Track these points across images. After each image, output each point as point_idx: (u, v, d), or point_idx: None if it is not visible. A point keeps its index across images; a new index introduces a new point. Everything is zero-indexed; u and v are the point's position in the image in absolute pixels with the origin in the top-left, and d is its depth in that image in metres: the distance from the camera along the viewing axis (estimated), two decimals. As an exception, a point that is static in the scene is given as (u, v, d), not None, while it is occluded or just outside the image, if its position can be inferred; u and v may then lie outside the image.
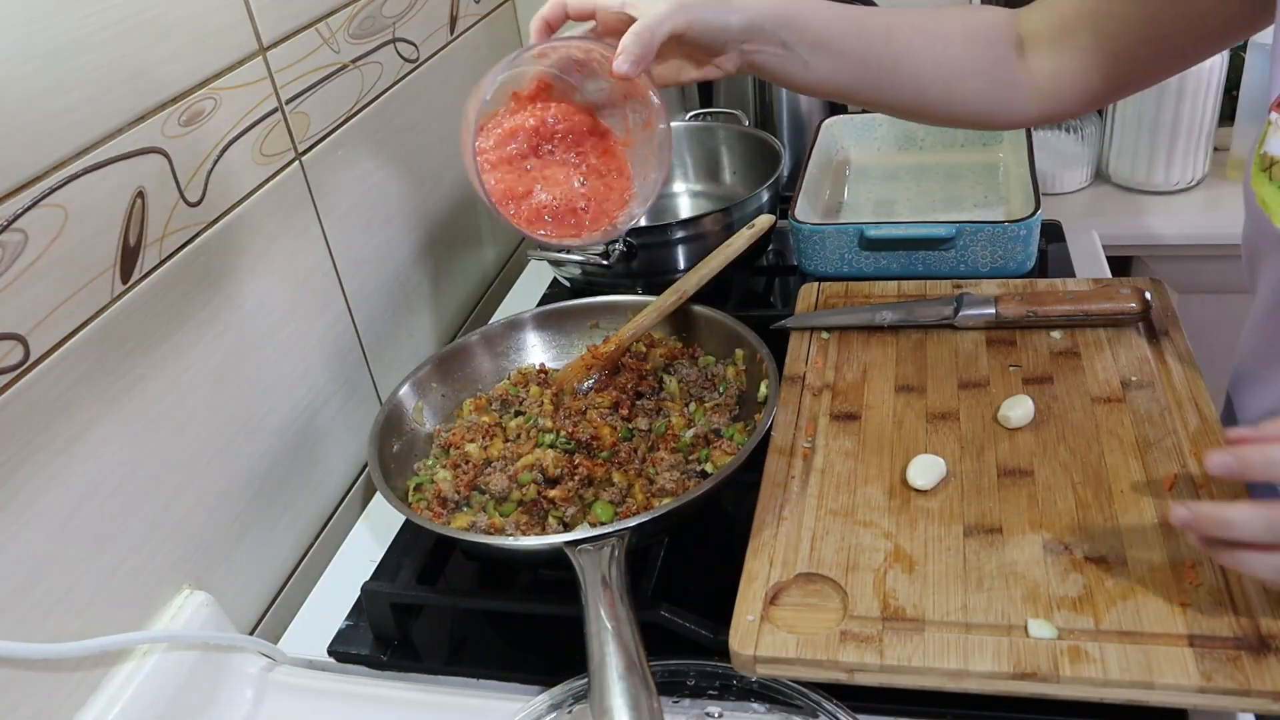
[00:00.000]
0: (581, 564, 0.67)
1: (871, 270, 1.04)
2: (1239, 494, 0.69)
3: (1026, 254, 1.01)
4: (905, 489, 0.75)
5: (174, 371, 0.73)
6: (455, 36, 1.16)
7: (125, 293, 0.68)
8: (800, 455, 0.79)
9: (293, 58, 0.86)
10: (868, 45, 0.77)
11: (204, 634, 0.73)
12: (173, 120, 0.72)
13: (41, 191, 0.61)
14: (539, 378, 0.93)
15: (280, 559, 0.86)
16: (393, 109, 1.03)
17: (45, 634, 0.63)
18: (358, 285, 0.97)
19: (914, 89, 0.79)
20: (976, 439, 0.78)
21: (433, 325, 1.13)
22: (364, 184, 0.98)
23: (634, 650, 0.60)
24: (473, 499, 0.80)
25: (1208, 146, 1.30)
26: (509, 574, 0.83)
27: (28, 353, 0.61)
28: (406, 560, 0.80)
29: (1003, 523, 0.70)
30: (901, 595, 0.66)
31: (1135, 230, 1.27)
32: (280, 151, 0.85)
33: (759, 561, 0.69)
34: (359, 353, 0.98)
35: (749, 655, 0.63)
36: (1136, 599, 0.63)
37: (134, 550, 0.70)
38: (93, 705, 0.66)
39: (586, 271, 1.06)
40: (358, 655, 0.77)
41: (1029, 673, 0.59)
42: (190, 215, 0.74)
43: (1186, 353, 0.84)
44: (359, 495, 0.97)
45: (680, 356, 0.94)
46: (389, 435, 0.86)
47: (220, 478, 0.78)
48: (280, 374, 0.86)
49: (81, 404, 0.65)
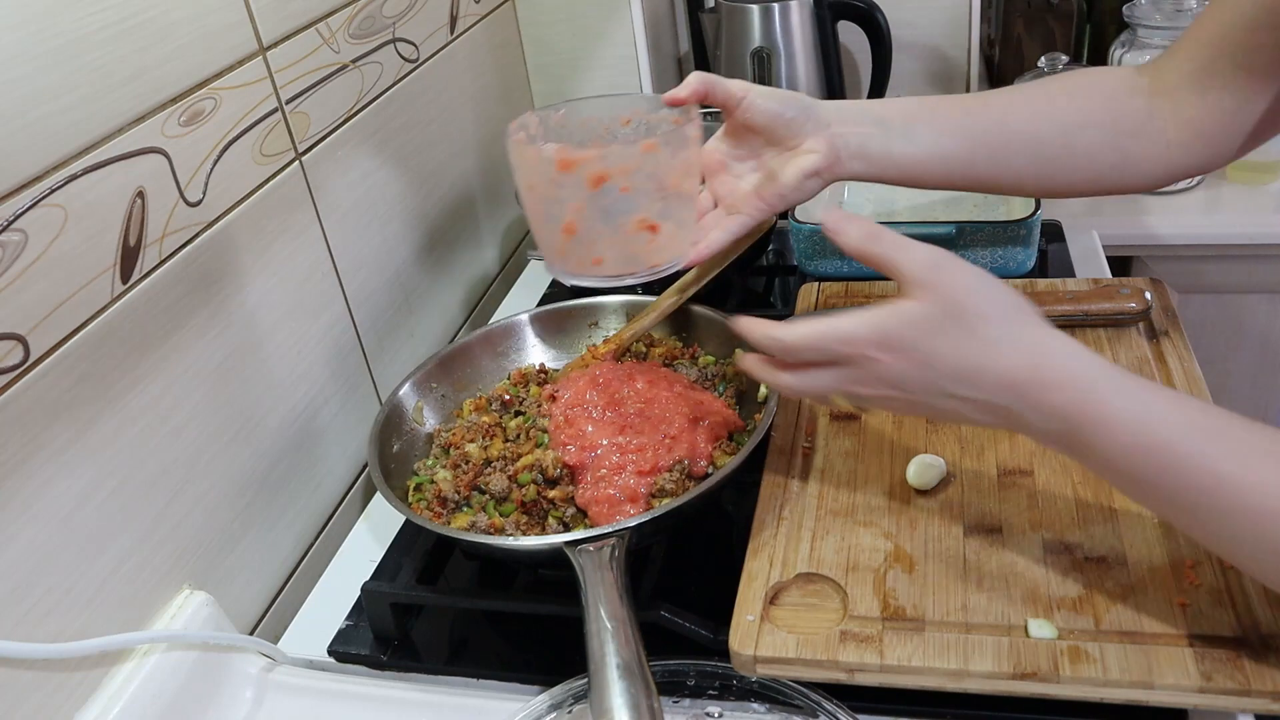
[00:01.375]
0: (581, 564, 0.67)
1: (871, 270, 1.04)
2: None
3: (1026, 254, 1.01)
4: (905, 489, 0.75)
5: (174, 371, 0.73)
6: (455, 36, 1.16)
7: (125, 293, 0.68)
8: (800, 455, 0.79)
9: (293, 58, 0.86)
10: (966, 108, 0.76)
11: (204, 634, 0.73)
12: (173, 120, 0.72)
13: (41, 191, 0.61)
14: (539, 378, 0.93)
15: (280, 559, 0.86)
16: (393, 109, 1.03)
17: (45, 634, 0.63)
18: (358, 285, 0.97)
19: (1028, 146, 0.75)
20: (976, 439, 0.78)
21: (433, 325, 1.13)
22: (364, 184, 0.98)
23: (634, 650, 0.60)
24: (473, 499, 0.80)
25: (1208, 146, 1.29)
26: (509, 574, 0.83)
27: (28, 353, 0.61)
28: (406, 560, 0.80)
29: (1003, 523, 0.70)
30: (901, 595, 0.66)
31: (1135, 230, 1.27)
32: (280, 151, 0.85)
33: (759, 561, 0.70)
34: (359, 353, 0.98)
35: (749, 655, 0.63)
36: (1136, 599, 0.63)
37: (134, 550, 0.70)
38: (93, 705, 0.66)
39: (586, 271, 1.06)
40: (358, 655, 0.77)
41: (1029, 673, 0.59)
42: (190, 215, 0.74)
43: (1186, 353, 0.84)
44: (359, 495, 0.97)
45: (680, 356, 0.93)
46: (389, 435, 0.85)
47: (220, 478, 0.78)
48: (280, 374, 0.86)
49: (81, 404, 0.65)
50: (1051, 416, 0.56)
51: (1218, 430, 0.54)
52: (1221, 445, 0.54)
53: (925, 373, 0.58)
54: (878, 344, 0.58)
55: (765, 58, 1.33)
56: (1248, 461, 0.53)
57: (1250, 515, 0.52)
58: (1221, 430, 0.54)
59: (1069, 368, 0.56)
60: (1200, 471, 0.53)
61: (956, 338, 0.57)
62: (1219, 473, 0.53)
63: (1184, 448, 0.54)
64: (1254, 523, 0.52)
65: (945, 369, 0.57)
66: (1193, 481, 0.53)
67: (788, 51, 1.33)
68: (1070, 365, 0.56)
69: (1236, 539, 0.54)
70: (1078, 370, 0.56)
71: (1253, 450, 0.53)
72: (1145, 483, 0.56)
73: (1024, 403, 0.56)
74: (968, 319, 0.57)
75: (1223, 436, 0.54)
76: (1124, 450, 0.55)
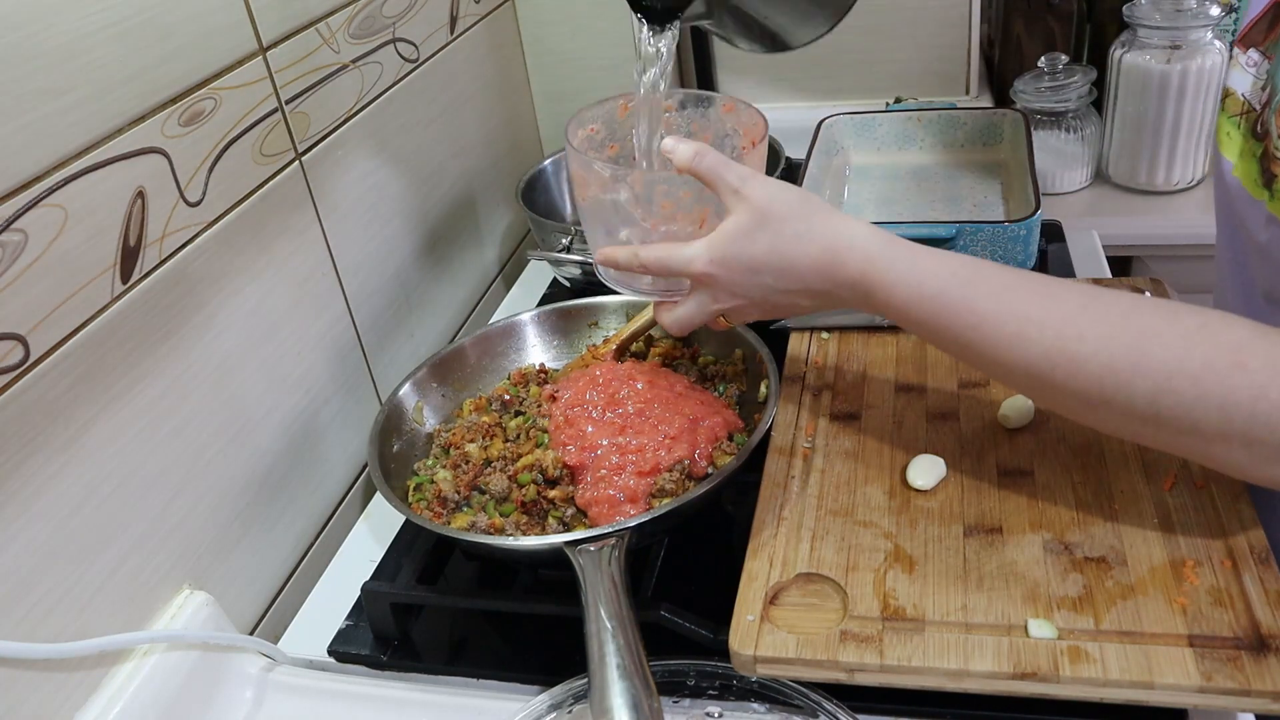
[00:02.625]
0: (581, 564, 0.67)
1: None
2: (1239, 495, 0.69)
3: (1026, 254, 1.01)
4: (905, 489, 0.75)
5: (174, 371, 0.73)
6: (455, 36, 1.16)
7: (125, 293, 0.68)
8: (800, 455, 0.79)
9: (293, 58, 0.86)
10: None
11: (204, 634, 0.73)
12: (173, 120, 0.72)
13: (41, 191, 0.61)
14: (539, 378, 0.93)
15: (280, 559, 0.86)
16: (393, 109, 1.03)
17: (45, 634, 0.63)
18: (358, 285, 0.97)
19: None
20: (976, 439, 0.78)
21: (433, 325, 1.13)
22: (364, 184, 0.98)
23: (634, 650, 0.60)
24: (473, 499, 0.80)
25: (1207, 146, 1.29)
26: (509, 574, 0.83)
27: (28, 353, 0.61)
28: (406, 560, 0.80)
29: (1003, 523, 0.70)
30: (901, 595, 0.66)
31: (1135, 230, 1.27)
32: (280, 151, 0.85)
33: (759, 561, 0.69)
34: (359, 353, 0.98)
35: (749, 655, 0.63)
36: (1136, 599, 0.63)
37: (134, 550, 0.70)
38: (93, 705, 0.66)
39: (586, 271, 1.06)
40: (358, 655, 0.77)
41: (1029, 673, 0.59)
42: (190, 215, 0.74)
43: (1186, 353, 0.84)
44: (359, 495, 0.97)
45: (680, 356, 0.93)
46: (389, 435, 0.86)
47: (220, 478, 0.78)
48: (280, 374, 0.86)
49: (81, 404, 0.65)
50: (850, 286, 0.65)
51: (975, 277, 0.63)
52: (979, 288, 0.62)
53: (754, 276, 0.67)
54: (710, 260, 0.67)
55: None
56: (1001, 297, 0.62)
57: (1006, 340, 0.61)
58: (978, 276, 0.63)
59: (855, 245, 0.65)
60: (967, 311, 0.62)
61: (769, 241, 0.66)
62: (981, 311, 0.62)
63: (950, 295, 0.63)
64: (1010, 346, 0.61)
65: (768, 269, 0.66)
66: (961, 320, 0.62)
67: None
68: (856, 242, 0.65)
69: (1005, 364, 0.62)
70: (861, 245, 0.65)
71: (1005, 287, 0.62)
72: (928, 328, 0.65)
73: (830, 280, 0.66)
74: (772, 222, 0.65)
75: (980, 281, 0.63)
76: (906, 304, 0.64)
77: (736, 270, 0.67)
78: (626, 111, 0.79)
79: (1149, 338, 0.58)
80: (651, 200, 0.72)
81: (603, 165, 0.73)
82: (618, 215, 0.73)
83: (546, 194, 1.22)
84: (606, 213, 0.74)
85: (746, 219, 0.66)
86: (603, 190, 0.72)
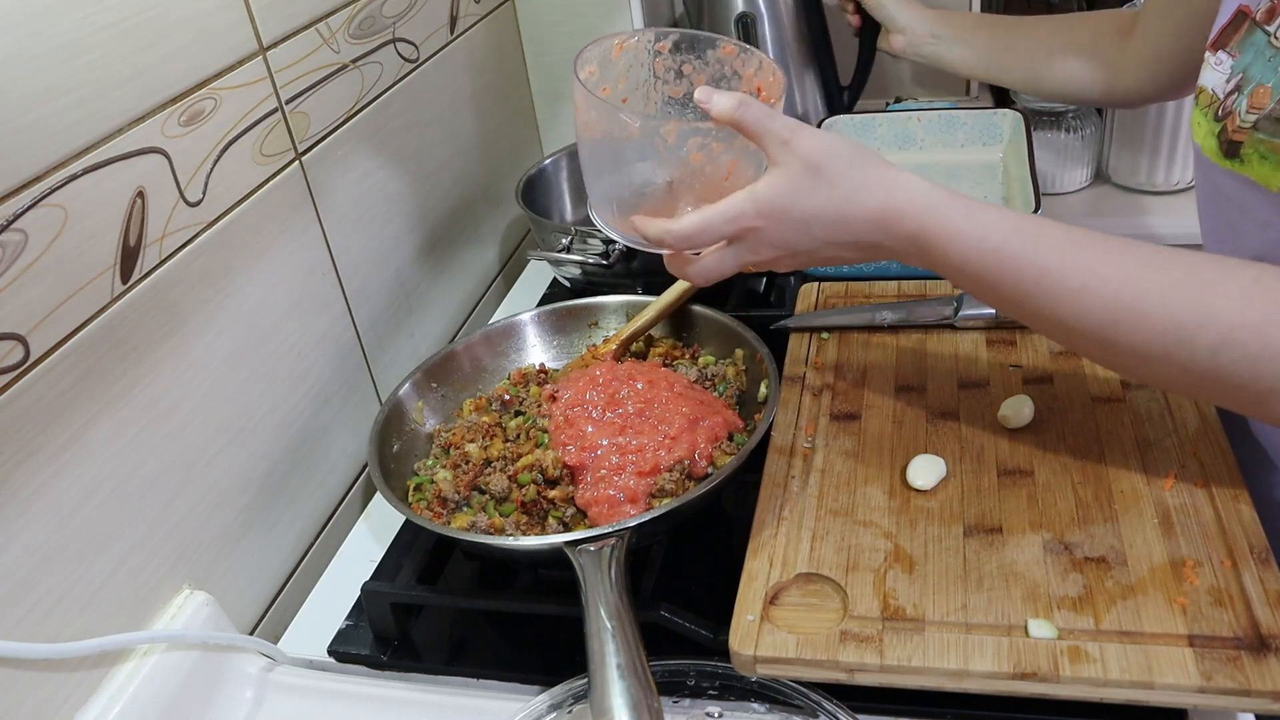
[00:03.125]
0: (581, 564, 0.67)
1: (871, 270, 1.04)
2: (1239, 495, 0.69)
3: (1026, 254, 1.01)
4: (905, 489, 0.75)
5: (174, 371, 0.73)
6: (455, 36, 1.16)
7: (125, 293, 0.68)
8: (800, 455, 0.79)
9: (293, 58, 0.86)
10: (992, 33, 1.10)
11: (204, 634, 0.73)
12: (173, 120, 0.72)
13: (41, 191, 0.61)
14: (539, 378, 0.93)
15: (280, 559, 0.86)
16: (393, 109, 1.03)
17: (45, 634, 0.63)
18: (358, 285, 0.97)
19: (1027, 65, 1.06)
20: (976, 439, 0.78)
21: (433, 325, 1.13)
22: (364, 184, 0.98)
23: (634, 650, 0.60)
24: (473, 499, 0.80)
25: (1207, 146, 1.29)
26: (509, 574, 0.83)
27: (28, 353, 0.61)
28: (406, 560, 0.80)
29: (1003, 523, 0.70)
30: (901, 595, 0.66)
31: (1135, 230, 1.27)
32: (280, 151, 0.85)
33: (759, 561, 0.70)
34: (359, 353, 0.98)
35: (749, 655, 0.63)
36: (1136, 599, 0.63)
37: (134, 550, 0.70)
38: (93, 705, 0.66)
39: (586, 271, 1.06)
40: (358, 655, 0.77)
41: (1029, 673, 0.59)
42: (190, 215, 0.74)
43: (1186, 353, 0.84)
44: (359, 495, 0.97)
45: (680, 356, 0.94)
46: (389, 435, 0.86)
47: (220, 478, 0.78)
48: (280, 374, 0.86)
49: (81, 404, 0.65)
50: (908, 240, 0.65)
51: (1037, 232, 0.63)
52: (1042, 243, 0.62)
53: (804, 229, 0.66)
54: (758, 214, 0.65)
55: (749, 23, 1.31)
56: (1065, 253, 0.62)
57: (1069, 295, 0.61)
58: (1040, 231, 0.63)
59: (914, 198, 0.64)
60: (1030, 266, 0.62)
61: (823, 193, 0.64)
62: (1044, 265, 0.62)
63: (1011, 248, 0.62)
64: (1074, 301, 0.61)
65: (819, 222, 0.65)
66: (1024, 275, 0.62)
67: (773, 16, 1.31)
68: (915, 195, 0.64)
69: (1066, 321, 0.62)
70: (920, 198, 0.64)
71: (1070, 243, 0.62)
72: (987, 283, 0.64)
73: (885, 234, 0.65)
74: (826, 174, 0.64)
75: (1042, 236, 0.63)
76: (964, 258, 0.63)
77: (787, 224, 0.65)
78: (620, 51, 0.75)
79: (1211, 291, 0.58)
80: (682, 151, 0.68)
81: (630, 115, 0.69)
82: (630, 156, 0.69)
83: (546, 194, 1.22)
84: (614, 153, 0.69)
85: (799, 171, 0.64)
86: (622, 134, 0.68)
